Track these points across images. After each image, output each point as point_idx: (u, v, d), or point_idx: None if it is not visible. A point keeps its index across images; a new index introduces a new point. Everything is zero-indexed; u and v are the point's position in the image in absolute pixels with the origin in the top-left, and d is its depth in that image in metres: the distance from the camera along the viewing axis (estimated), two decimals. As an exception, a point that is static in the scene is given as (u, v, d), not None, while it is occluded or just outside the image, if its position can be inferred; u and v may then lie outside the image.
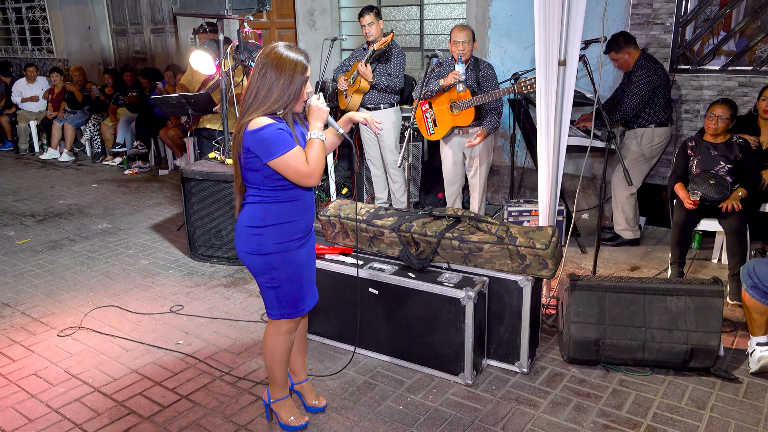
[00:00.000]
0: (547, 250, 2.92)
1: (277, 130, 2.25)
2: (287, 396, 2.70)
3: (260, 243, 2.38)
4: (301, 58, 2.29)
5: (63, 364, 3.25)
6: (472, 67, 4.43)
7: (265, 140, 2.23)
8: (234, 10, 4.10)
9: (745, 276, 2.98)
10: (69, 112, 8.50)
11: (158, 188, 6.84)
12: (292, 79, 2.27)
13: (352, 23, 6.93)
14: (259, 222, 2.37)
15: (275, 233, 2.38)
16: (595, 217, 5.25)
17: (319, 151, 2.32)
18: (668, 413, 2.77)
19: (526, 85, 3.93)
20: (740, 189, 3.87)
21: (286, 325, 2.55)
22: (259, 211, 2.37)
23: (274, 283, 2.44)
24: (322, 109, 2.36)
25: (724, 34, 4.82)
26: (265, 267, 2.41)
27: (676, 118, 4.94)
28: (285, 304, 2.48)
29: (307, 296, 2.56)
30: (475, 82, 4.40)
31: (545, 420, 2.74)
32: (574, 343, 3.05)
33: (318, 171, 2.30)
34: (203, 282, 4.28)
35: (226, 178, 4.36)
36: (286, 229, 2.39)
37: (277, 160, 2.25)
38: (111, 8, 9.43)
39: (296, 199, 2.40)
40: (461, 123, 4.42)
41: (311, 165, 2.28)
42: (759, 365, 2.99)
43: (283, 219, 2.38)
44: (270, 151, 2.24)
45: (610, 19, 5.03)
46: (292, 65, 2.27)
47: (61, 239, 5.18)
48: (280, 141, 2.24)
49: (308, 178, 2.29)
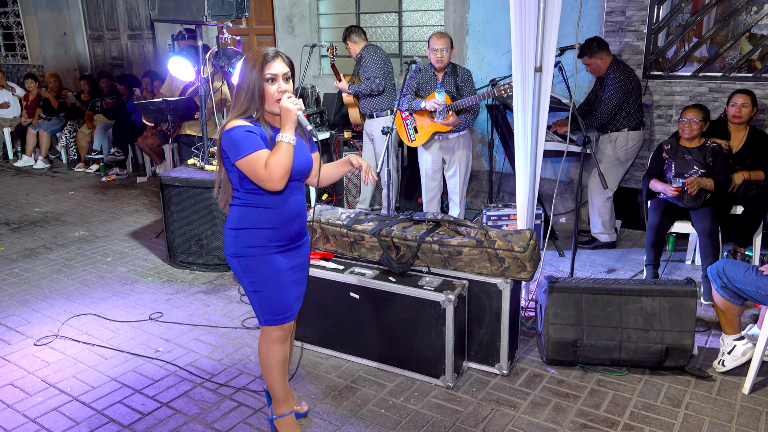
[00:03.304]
0: (526, 252, 2.96)
1: (245, 132, 2.24)
2: (290, 413, 2.62)
3: (236, 245, 2.37)
4: (261, 54, 2.25)
5: (40, 373, 3.20)
6: (450, 73, 4.49)
7: (232, 141, 2.24)
8: (213, 16, 4.09)
9: (715, 277, 3.06)
10: (44, 118, 8.38)
11: (136, 195, 6.77)
12: (251, 76, 2.25)
13: (331, 30, 6.97)
14: (236, 224, 2.36)
15: (249, 236, 2.35)
16: (572, 220, 5.33)
17: (282, 155, 2.22)
18: (645, 411, 2.83)
19: (505, 88, 3.99)
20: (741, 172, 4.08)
21: (274, 333, 2.48)
22: (236, 212, 2.37)
23: (254, 287, 2.41)
24: (290, 109, 2.25)
25: (695, 41, 4.94)
26: (242, 270, 2.39)
27: (650, 123, 5.05)
28: (267, 309, 2.44)
29: (290, 306, 2.48)
30: (454, 87, 4.46)
31: (525, 420, 2.77)
32: (553, 345, 3.09)
33: (276, 175, 2.21)
34: (183, 289, 4.25)
35: (206, 184, 4.34)
36: (261, 234, 2.35)
37: (241, 161, 2.24)
38: (87, 14, 9.33)
39: (271, 207, 2.35)
40: (442, 128, 4.47)
41: (269, 168, 2.21)
42: (744, 358, 3.05)
43: (259, 224, 2.35)
44: (236, 152, 2.24)
45: (584, 27, 5.13)
46: (251, 63, 2.26)
47: (37, 247, 5.11)
48: (244, 142, 2.22)
49: (266, 182, 2.23)
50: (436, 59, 4.38)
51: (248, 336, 3.57)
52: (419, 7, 6.28)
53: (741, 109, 4.15)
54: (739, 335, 3.11)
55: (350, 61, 5.52)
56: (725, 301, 3.04)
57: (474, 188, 6.07)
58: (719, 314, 3.13)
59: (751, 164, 4.22)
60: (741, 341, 3.09)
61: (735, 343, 3.10)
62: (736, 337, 3.10)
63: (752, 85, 4.59)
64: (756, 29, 4.74)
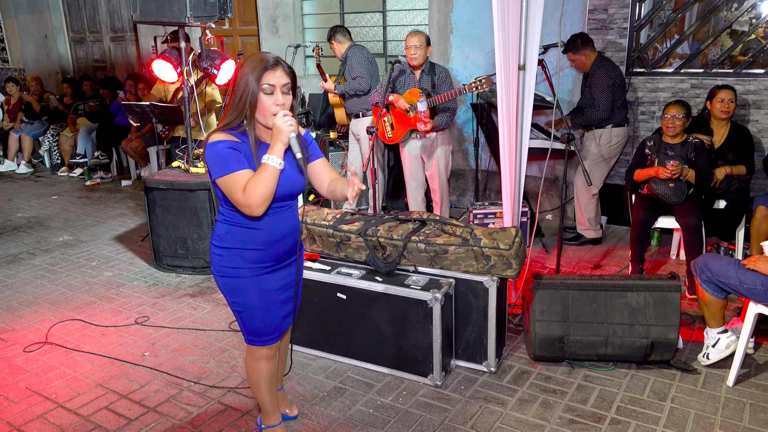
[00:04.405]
0: (511, 250, 2.97)
1: (226, 149, 2.04)
2: (280, 423, 2.56)
3: (219, 263, 2.22)
4: (255, 63, 2.05)
5: (24, 380, 3.17)
6: (427, 72, 4.51)
7: (212, 156, 2.06)
8: (195, 17, 4.07)
9: (698, 271, 3.09)
10: (26, 122, 8.29)
11: (121, 199, 6.72)
12: (247, 82, 2.05)
13: (315, 30, 6.95)
14: (219, 242, 2.21)
15: (234, 257, 2.19)
16: (557, 217, 5.36)
17: (265, 179, 2.01)
18: (631, 406, 2.85)
19: (476, 84, 4.00)
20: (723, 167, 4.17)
21: (259, 351, 2.36)
22: (222, 229, 2.21)
23: (236, 307, 2.28)
24: (282, 130, 2.03)
25: (677, 38, 4.99)
26: (226, 289, 2.26)
27: (633, 119, 5.09)
28: (251, 330, 2.31)
29: (276, 328, 2.32)
30: (430, 85, 4.48)
31: (513, 417, 2.79)
32: (540, 341, 3.11)
33: (254, 201, 2.00)
34: (169, 292, 4.22)
35: (191, 186, 4.32)
36: (246, 255, 2.19)
37: (220, 180, 2.06)
38: (69, 16, 9.24)
39: (258, 228, 2.17)
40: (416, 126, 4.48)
41: (247, 193, 2.00)
42: (728, 351, 3.08)
43: (245, 245, 2.18)
44: (215, 169, 2.06)
45: (567, 24, 5.16)
46: (248, 67, 2.05)
47: (20, 253, 5.05)
48: (222, 160, 2.04)
49: (243, 208, 2.03)
50: (410, 56, 4.42)
51: (235, 338, 3.55)
52: (403, 7, 6.29)
53: (729, 104, 4.21)
54: (722, 328, 3.14)
55: (335, 62, 5.51)
56: (709, 295, 3.06)
57: (460, 186, 6.09)
58: (703, 308, 3.16)
59: (733, 159, 4.27)
60: (725, 334, 3.12)
61: (719, 336, 3.13)
62: (720, 330, 3.14)
63: (733, 80, 4.65)
64: (737, 25, 4.80)
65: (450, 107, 4.49)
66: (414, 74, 4.52)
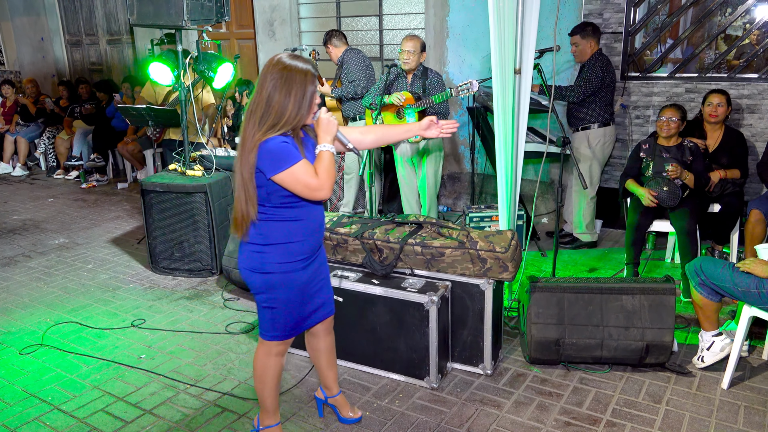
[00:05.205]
0: (507, 253, 2.99)
1: (282, 143, 2.18)
2: (278, 423, 2.59)
3: (262, 261, 2.30)
4: (309, 68, 2.23)
5: (20, 382, 3.16)
6: (419, 76, 4.54)
7: (270, 153, 2.17)
8: (192, 21, 4.07)
9: (693, 274, 3.10)
10: (22, 125, 8.28)
11: (117, 201, 6.71)
12: (305, 91, 2.21)
13: (311, 33, 6.96)
14: (262, 240, 2.29)
15: (277, 253, 2.30)
16: (553, 220, 5.37)
17: (330, 164, 2.25)
18: (626, 408, 2.86)
19: (462, 88, 4.02)
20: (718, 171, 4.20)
21: (276, 347, 2.45)
22: (263, 228, 2.29)
23: (272, 303, 2.36)
24: (332, 122, 2.30)
25: (671, 42, 5.02)
26: (265, 286, 2.34)
27: (628, 123, 5.11)
28: (279, 326, 2.40)
29: (307, 319, 2.47)
30: (421, 89, 4.50)
31: (509, 420, 2.79)
32: (536, 344, 3.12)
33: (328, 183, 2.23)
34: (165, 295, 4.22)
35: (187, 189, 4.32)
36: (289, 249, 2.31)
37: (282, 174, 2.18)
38: (65, 19, 9.23)
39: (301, 219, 2.32)
40: None
41: (321, 177, 2.22)
42: (723, 354, 3.10)
43: (287, 239, 2.30)
44: (275, 165, 2.17)
45: (562, 29, 5.18)
46: (303, 76, 2.20)
47: (16, 255, 5.04)
48: (285, 154, 2.17)
49: (318, 191, 2.22)
50: (402, 60, 4.47)
51: (232, 341, 3.56)
52: (400, 11, 6.31)
53: (717, 108, 4.23)
54: (717, 331, 3.16)
55: (331, 65, 5.52)
56: (703, 298, 3.08)
57: (456, 190, 6.10)
58: (698, 311, 3.18)
59: (727, 163, 4.30)
60: (719, 337, 3.14)
61: (713, 339, 3.15)
62: (715, 333, 3.15)
63: (727, 85, 4.68)
64: (731, 30, 4.83)
65: (440, 111, 4.51)
66: (407, 78, 4.55)
